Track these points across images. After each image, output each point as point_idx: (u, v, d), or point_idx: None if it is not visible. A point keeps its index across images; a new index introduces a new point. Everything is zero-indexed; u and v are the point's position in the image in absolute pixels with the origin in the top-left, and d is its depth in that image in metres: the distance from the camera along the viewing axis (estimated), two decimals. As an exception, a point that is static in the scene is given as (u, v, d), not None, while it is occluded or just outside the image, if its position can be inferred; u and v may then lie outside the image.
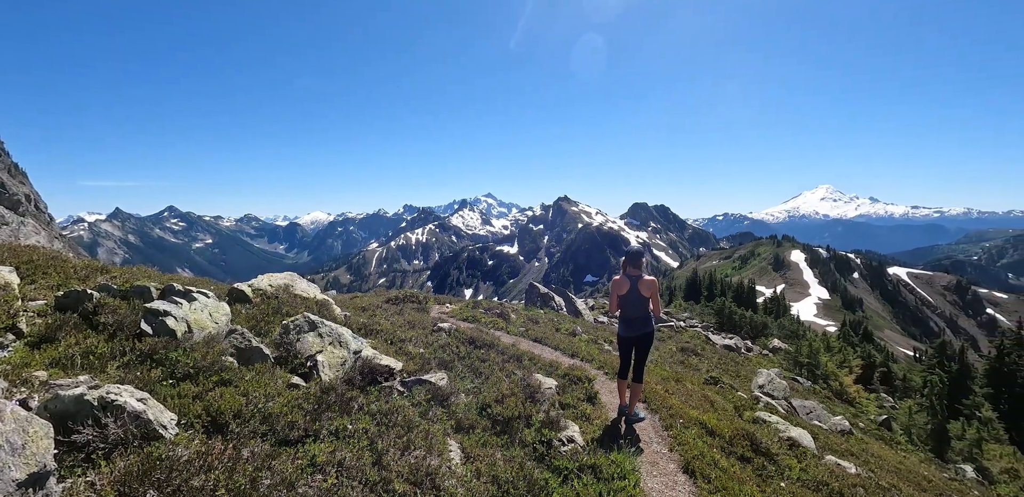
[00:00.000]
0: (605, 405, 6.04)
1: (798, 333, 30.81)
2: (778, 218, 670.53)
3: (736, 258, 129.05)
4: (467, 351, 6.65)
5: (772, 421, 7.89)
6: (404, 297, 13.39)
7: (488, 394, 4.88)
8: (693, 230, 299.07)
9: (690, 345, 17.92)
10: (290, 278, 7.94)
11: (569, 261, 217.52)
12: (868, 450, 9.97)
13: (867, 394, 23.49)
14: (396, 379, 5.03)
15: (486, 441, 4.18)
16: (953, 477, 12.94)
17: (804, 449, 6.94)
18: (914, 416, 20.46)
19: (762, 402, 10.14)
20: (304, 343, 5.13)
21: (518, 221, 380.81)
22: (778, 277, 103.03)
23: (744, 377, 15.11)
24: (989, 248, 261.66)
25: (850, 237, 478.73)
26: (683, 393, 7.75)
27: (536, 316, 13.70)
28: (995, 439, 22.92)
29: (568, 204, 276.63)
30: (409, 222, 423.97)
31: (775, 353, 23.84)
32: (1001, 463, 20.53)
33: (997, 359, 27.89)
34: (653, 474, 4.54)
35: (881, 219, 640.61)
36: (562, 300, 18.02)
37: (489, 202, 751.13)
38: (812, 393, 17.77)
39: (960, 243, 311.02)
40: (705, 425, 5.78)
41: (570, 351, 8.72)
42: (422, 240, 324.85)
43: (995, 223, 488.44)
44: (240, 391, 4.09)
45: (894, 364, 33.65)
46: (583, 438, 4.64)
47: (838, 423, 11.59)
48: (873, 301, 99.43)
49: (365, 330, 6.79)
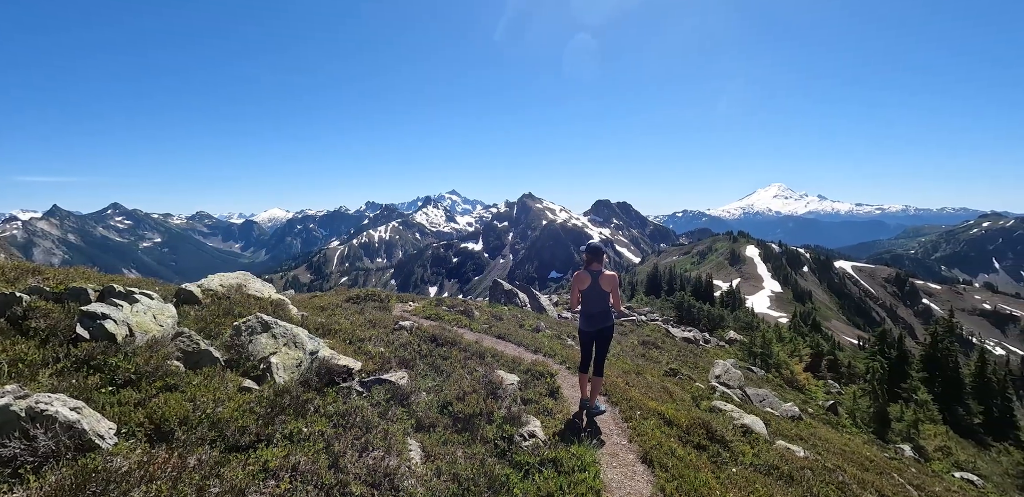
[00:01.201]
0: (567, 399, 6.11)
1: (753, 325, 32.08)
2: (734, 215, 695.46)
3: (695, 254, 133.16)
4: (429, 349, 6.58)
5: (727, 409, 8.18)
6: (366, 296, 13.13)
7: (449, 392, 4.85)
8: (654, 226, 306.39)
9: (651, 338, 18.37)
10: (243, 277, 7.64)
11: (534, 258, 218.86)
12: (816, 434, 10.49)
13: (816, 381, 24.73)
14: (355, 379, 4.92)
15: (447, 439, 4.15)
16: (893, 456, 13.78)
17: (757, 435, 7.23)
18: (858, 400, 21.67)
19: (718, 392, 10.51)
20: (257, 345, 4.94)
21: (483, 218, 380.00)
22: (734, 271, 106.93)
23: (702, 368, 15.61)
24: (925, 243, 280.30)
25: (800, 233, 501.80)
26: (643, 385, 7.94)
27: (500, 313, 13.71)
28: (930, 420, 24.55)
29: (532, 201, 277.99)
30: (372, 219, 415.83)
31: (731, 344, 24.74)
32: (935, 442, 22.03)
33: (931, 346, 29.92)
34: (613, 465, 4.63)
35: (828, 215, 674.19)
36: (526, 296, 18.10)
37: (454, 199, 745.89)
38: (765, 381, 18.55)
39: (899, 238, 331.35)
40: (663, 416, 5.94)
41: (533, 347, 8.77)
42: (385, 238, 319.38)
43: (930, 219, 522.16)
44: (187, 397, 3.91)
45: (840, 352, 35.51)
46: (545, 432, 4.68)
47: (789, 409, 12.13)
48: (821, 293, 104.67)
49: (323, 330, 6.61)
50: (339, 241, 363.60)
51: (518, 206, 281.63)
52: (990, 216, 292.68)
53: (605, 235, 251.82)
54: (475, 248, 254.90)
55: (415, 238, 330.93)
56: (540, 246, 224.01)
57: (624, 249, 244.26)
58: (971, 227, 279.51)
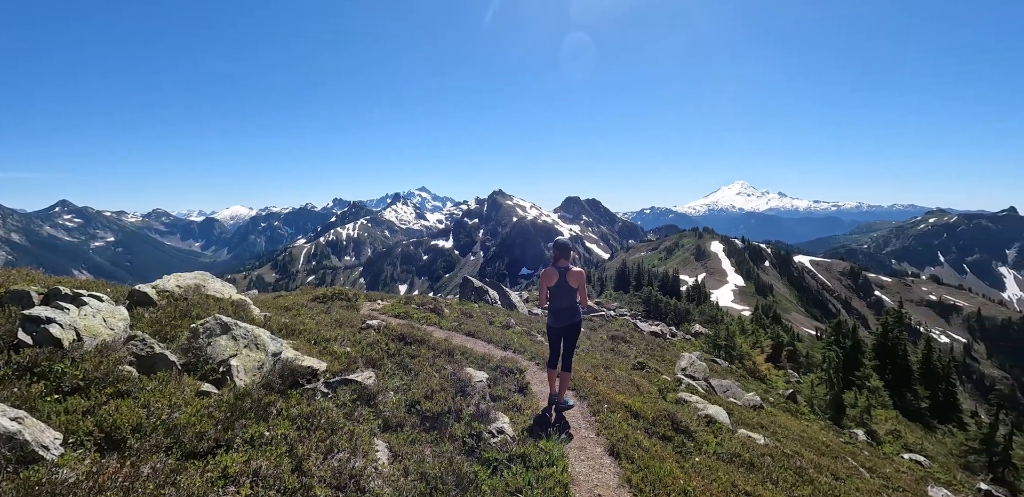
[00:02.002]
0: (536, 395, 6.15)
1: (717, 318, 33.03)
2: (699, 211, 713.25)
3: (662, 249, 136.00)
4: (397, 348, 6.51)
5: (692, 401, 8.42)
6: (332, 294, 12.87)
7: (417, 391, 4.81)
8: (623, 223, 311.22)
9: (620, 333, 18.68)
10: (201, 277, 7.37)
11: (504, 254, 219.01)
12: (776, 422, 10.91)
13: (776, 371, 25.69)
14: (320, 380, 4.83)
15: (415, 438, 4.12)
16: (848, 441, 14.44)
17: (720, 425, 7.47)
18: (815, 388, 22.63)
19: (684, 383, 10.79)
20: (216, 347, 4.78)
21: (453, 215, 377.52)
22: (700, 266, 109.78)
23: (669, 361, 15.99)
24: (876, 238, 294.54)
25: (762, 229, 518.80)
26: (611, 379, 8.07)
27: (470, 310, 13.68)
28: (882, 405, 25.85)
29: (503, 198, 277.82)
30: (339, 217, 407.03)
31: (697, 337, 25.41)
32: (886, 426, 23.22)
33: (882, 335, 31.47)
34: (581, 458, 4.70)
35: (788, 212, 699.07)
36: (496, 293, 18.12)
37: (423, 196, 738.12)
38: (729, 372, 19.14)
39: (853, 233, 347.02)
40: (630, 409, 6.06)
41: (503, 343, 8.80)
42: (353, 235, 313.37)
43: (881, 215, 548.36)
44: (140, 403, 3.76)
45: (799, 343, 36.97)
46: (513, 429, 4.70)
47: (751, 399, 12.56)
48: (782, 287, 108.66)
49: (287, 331, 6.45)
50: (305, 239, 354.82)
51: (488, 203, 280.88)
52: (935, 212, 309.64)
53: (575, 232, 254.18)
54: (445, 245, 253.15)
55: (384, 236, 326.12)
56: (511, 243, 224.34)
57: (594, 245, 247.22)
58: (918, 223, 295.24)
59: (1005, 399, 54.55)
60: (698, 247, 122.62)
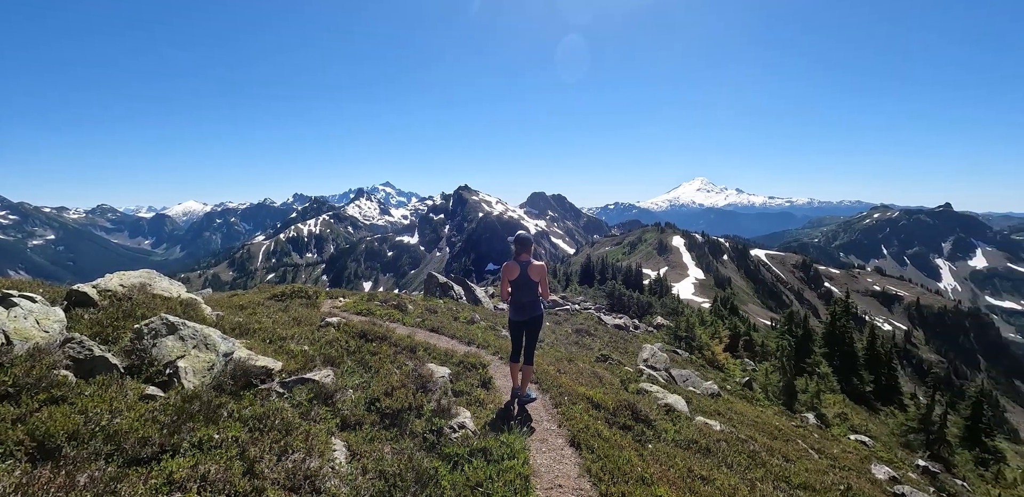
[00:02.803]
0: (499, 389, 6.17)
1: (678, 310, 33.98)
2: (661, 207, 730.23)
3: (626, 244, 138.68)
4: (358, 345, 6.38)
5: (653, 390, 8.63)
6: (292, 292, 12.52)
7: (377, 388, 4.74)
8: (588, 218, 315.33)
9: (584, 326, 18.96)
10: (147, 276, 7.02)
11: (471, 250, 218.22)
12: (733, 409, 11.33)
13: (734, 360, 26.67)
14: (275, 380, 4.69)
15: (374, 436, 4.06)
16: (799, 424, 15.15)
17: (679, 413, 7.69)
18: (769, 376, 23.62)
19: (645, 374, 11.05)
20: (162, 348, 4.57)
21: (418, 211, 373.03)
22: (662, 260, 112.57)
23: (631, 353, 16.35)
24: (826, 232, 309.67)
25: (721, 224, 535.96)
26: (574, 372, 8.18)
27: (435, 306, 13.57)
28: (830, 390, 27.25)
29: (469, 193, 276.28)
30: (300, 212, 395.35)
31: (659, 329, 26.08)
32: (835, 409, 24.50)
33: (831, 324, 33.13)
34: (542, 450, 4.75)
35: (745, 208, 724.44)
36: (461, 289, 18.04)
37: (388, 191, 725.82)
38: (689, 362, 19.74)
39: (805, 228, 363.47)
40: (592, 400, 6.16)
41: (467, 339, 8.77)
42: (315, 231, 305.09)
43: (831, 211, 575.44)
44: (77, 409, 3.55)
45: (755, 333, 38.50)
46: (475, 423, 4.70)
47: (709, 387, 13.00)
48: (739, 279, 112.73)
49: (240, 330, 6.22)
50: (264, 235, 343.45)
51: (454, 198, 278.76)
52: (879, 208, 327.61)
53: (541, 227, 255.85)
54: (411, 241, 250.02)
55: (347, 232, 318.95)
56: (477, 238, 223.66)
57: (559, 240, 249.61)
58: (864, 218, 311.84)
59: (940, 381, 58.59)
60: (660, 242, 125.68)
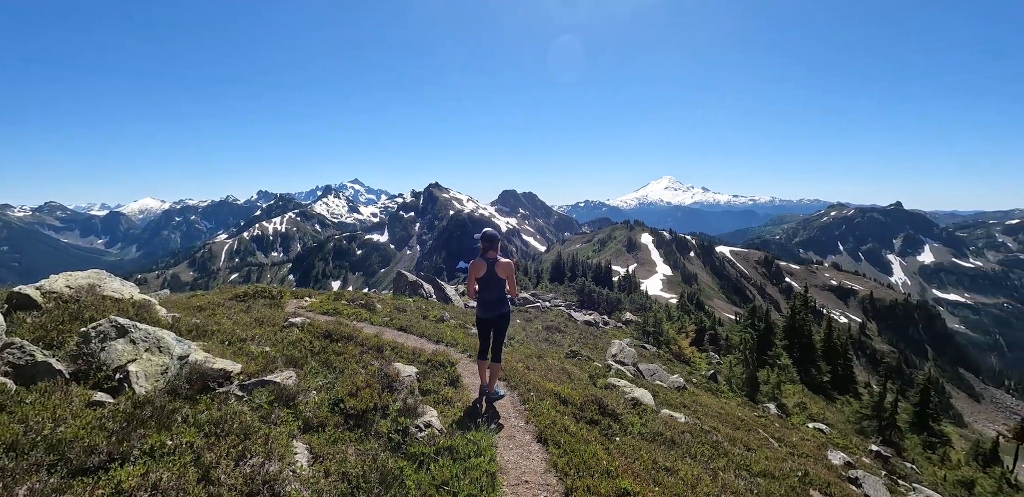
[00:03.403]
0: (467, 387, 6.15)
1: (646, 306, 34.65)
2: (631, 205, 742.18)
3: (596, 241, 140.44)
4: (322, 346, 6.25)
5: (620, 385, 8.77)
6: (254, 292, 12.14)
7: (341, 388, 4.65)
8: (558, 216, 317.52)
9: (554, 323, 19.11)
10: (96, 277, 6.68)
11: (441, 248, 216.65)
12: (698, 401, 11.62)
13: (700, 354, 27.40)
14: (234, 383, 4.54)
15: (338, 438, 3.98)
16: (761, 414, 15.68)
17: (645, 406, 7.84)
18: (733, 368, 24.36)
19: (613, 369, 11.22)
20: (111, 352, 4.36)
21: (388, 208, 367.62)
22: (631, 258, 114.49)
23: (601, 348, 16.57)
24: (787, 229, 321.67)
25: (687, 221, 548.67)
26: (543, 368, 8.23)
27: (404, 305, 13.42)
28: (790, 381, 28.30)
29: (439, 191, 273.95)
30: (265, 210, 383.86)
31: (628, 325, 26.52)
32: (794, 399, 25.46)
33: (791, 318, 34.40)
34: (510, 447, 4.76)
35: (711, 206, 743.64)
36: (431, 287, 17.91)
37: (356, 188, 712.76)
38: (657, 357, 20.16)
39: (767, 226, 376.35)
40: (559, 395, 6.22)
41: (435, 337, 8.71)
42: (281, 230, 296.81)
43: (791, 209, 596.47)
44: (17, 418, 3.36)
45: (720, 327, 39.65)
46: (442, 422, 4.67)
47: (675, 381, 13.31)
48: (705, 275, 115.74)
49: (197, 332, 6.00)
50: (227, 234, 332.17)
51: (424, 196, 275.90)
52: (836, 206, 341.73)
53: (512, 225, 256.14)
54: (380, 239, 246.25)
55: (315, 230, 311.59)
56: (448, 236, 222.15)
57: (530, 238, 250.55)
58: (822, 216, 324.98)
59: (892, 371, 61.72)
60: (629, 239, 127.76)
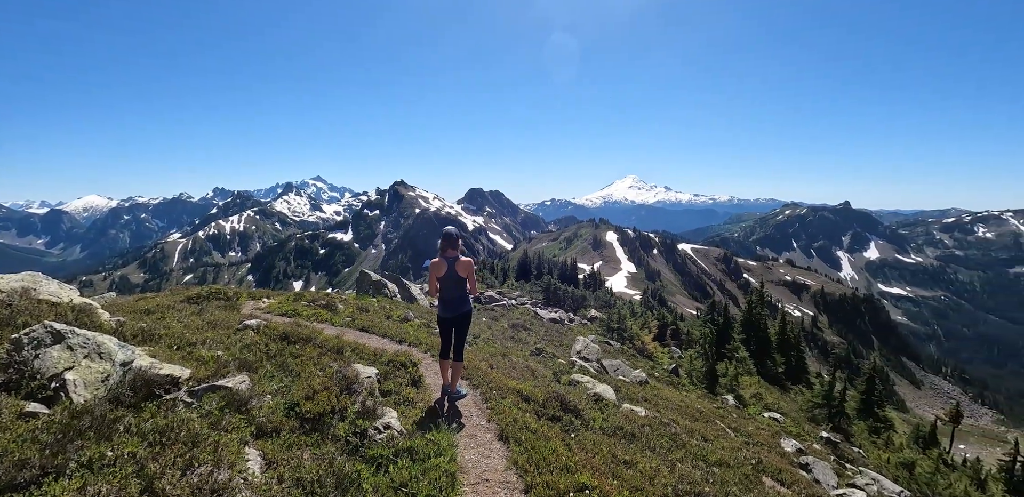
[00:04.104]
0: (430, 387, 6.11)
1: (611, 303, 35.26)
2: (596, 203, 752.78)
3: (562, 239, 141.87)
4: (279, 348, 6.07)
5: (584, 381, 8.90)
6: (208, 294, 11.68)
7: (298, 392, 4.53)
8: (525, 214, 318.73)
9: (520, 321, 19.20)
10: (31, 279, 6.28)
11: (407, 247, 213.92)
12: (659, 394, 11.92)
13: (662, 348, 28.10)
14: (182, 389, 4.36)
15: (293, 442, 3.88)
16: (719, 406, 16.22)
17: (607, 401, 7.99)
18: (694, 362, 25.10)
19: (577, 366, 11.38)
20: (46, 360, 4.11)
21: (352, 206, 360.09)
22: (596, 255, 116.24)
23: (566, 345, 16.76)
24: (745, 227, 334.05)
25: (651, 220, 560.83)
26: (507, 366, 8.26)
27: (367, 304, 13.19)
28: (747, 372, 29.37)
29: (405, 189, 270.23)
30: (221, 208, 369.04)
31: (593, 322, 26.93)
32: (751, 390, 26.45)
33: (748, 312, 35.68)
34: (471, 446, 4.76)
35: (673, 204, 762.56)
36: (396, 287, 17.67)
37: (319, 186, 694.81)
38: (620, 353, 20.55)
39: (726, 224, 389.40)
40: (522, 393, 6.26)
41: (398, 337, 8.61)
42: (239, 228, 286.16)
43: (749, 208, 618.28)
44: (-64, 432, 3.12)
45: (682, 322, 40.76)
46: (403, 423, 4.62)
47: (637, 375, 13.60)
48: (668, 272, 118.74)
49: (144, 336, 5.73)
50: (181, 233, 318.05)
51: (390, 194, 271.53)
52: (790, 205, 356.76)
53: (479, 223, 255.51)
54: (344, 238, 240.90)
55: (275, 229, 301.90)
56: (414, 235, 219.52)
57: (497, 236, 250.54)
58: (777, 214, 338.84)
59: (841, 361, 64.98)
60: (595, 237, 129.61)
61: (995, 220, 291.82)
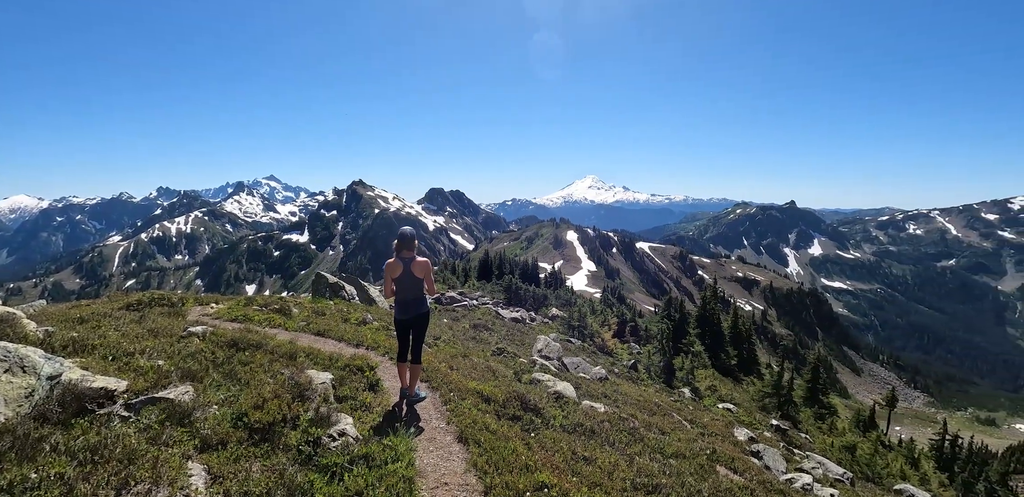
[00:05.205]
0: (388, 391, 6.00)
1: (572, 301, 35.73)
2: (557, 203, 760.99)
3: (524, 239, 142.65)
4: (226, 356, 5.79)
5: (544, 379, 8.96)
6: (151, 300, 11.05)
7: (246, 401, 4.34)
8: (486, 214, 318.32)
9: (482, 321, 19.14)
10: (-58, 289, 5.74)
11: (367, 248, 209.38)
12: (618, 390, 12.15)
13: (622, 345, 28.70)
14: (118, 403, 4.09)
15: (240, 454, 3.71)
16: (677, 399, 16.70)
17: (567, 399, 8.07)
18: (652, 357, 25.77)
19: (538, 364, 11.44)
20: (-42, 376, 3.76)
21: (308, 207, 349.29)
22: (557, 254, 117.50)
23: (527, 345, 16.84)
24: (699, 226, 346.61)
25: (610, 219, 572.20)
26: (468, 367, 8.21)
27: (323, 308, 12.82)
28: (703, 366, 30.40)
29: (363, 189, 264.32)
30: (166, 209, 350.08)
31: (554, 320, 27.19)
32: (706, 382, 27.38)
33: (702, 308, 36.94)
34: (430, 449, 4.70)
35: (631, 204, 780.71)
36: (354, 289, 17.26)
37: (273, 185, 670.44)
38: (581, 350, 20.84)
39: (681, 223, 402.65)
40: (482, 394, 6.23)
41: (355, 341, 8.41)
42: (186, 230, 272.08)
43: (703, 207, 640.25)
44: None
45: (640, 319, 41.79)
46: (359, 429, 4.51)
47: (598, 372, 13.82)
48: (627, 270, 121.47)
49: (75, 347, 5.34)
50: (122, 236, 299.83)
51: (348, 194, 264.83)
52: (741, 205, 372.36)
53: (440, 223, 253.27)
54: (300, 240, 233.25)
55: (226, 230, 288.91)
56: (373, 236, 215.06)
57: (458, 237, 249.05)
58: (729, 213, 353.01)
59: (789, 352, 68.30)
60: (556, 236, 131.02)
61: (924, 218, 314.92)
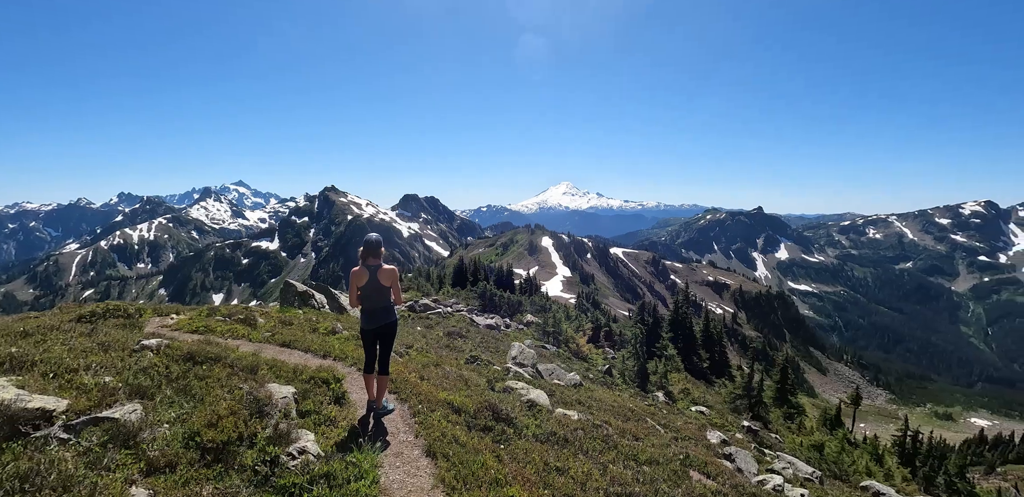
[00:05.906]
0: (354, 403, 5.79)
1: (547, 307, 35.75)
2: (531, 209, 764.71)
3: (499, 245, 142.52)
4: (182, 370, 5.49)
5: (518, 387, 8.84)
6: (105, 311, 10.51)
7: (199, 419, 4.09)
8: (461, 220, 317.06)
9: (456, 329, 18.92)
10: None
11: (339, 255, 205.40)
12: (592, 396, 12.12)
13: (596, 350, 28.81)
14: (56, 424, 3.80)
15: (190, 477, 3.48)
16: (651, 403, 16.79)
17: (541, 407, 7.97)
18: (626, 362, 25.94)
19: (512, 372, 11.32)
20: None
21: (278, 213, 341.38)
22: (532, 260, 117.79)
23: (502, 352, 16.68)
24: (671, 231, 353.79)
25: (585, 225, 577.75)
26: (439, 376, 8.04)
27: (292, 317, 12.43)
28: (676, 369, 30.74)
29: (336, 195, 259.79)
30: (128, 215, 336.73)
31: (529, 326, 27.11)
32: (680, 386, 27.67)
33: (675, 312, 37.47)
34: (396, 465, 4.53)
35: (605, 210, 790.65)
36: (324, 297, 16.82)
37: (241, 191, 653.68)
38: (556, 356, 20.80)
39: (654, 228, 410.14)
40: (452, 404, 6.08)
41: (323, 352, 8.14)
42: (149, 237, 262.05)
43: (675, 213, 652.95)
44: None
45: (614, 324, 42.11)
46: (322, 445, 4.31)
47: (572, 378, 13.78)
48: (601, 276, 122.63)
49: (13, 363, 4.98)
50: (79, 243, 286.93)
51: (320, 200, 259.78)
52: (711, 210, 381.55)
53: (414, 230, 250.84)
54: (270, 247, 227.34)
55: (191, 237, 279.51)
56: (346, 243, 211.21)
57: (433, 243, 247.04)
58: (699, 219, 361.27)
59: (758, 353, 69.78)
60: (531, 243, 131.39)
61: (883, 223, 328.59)
